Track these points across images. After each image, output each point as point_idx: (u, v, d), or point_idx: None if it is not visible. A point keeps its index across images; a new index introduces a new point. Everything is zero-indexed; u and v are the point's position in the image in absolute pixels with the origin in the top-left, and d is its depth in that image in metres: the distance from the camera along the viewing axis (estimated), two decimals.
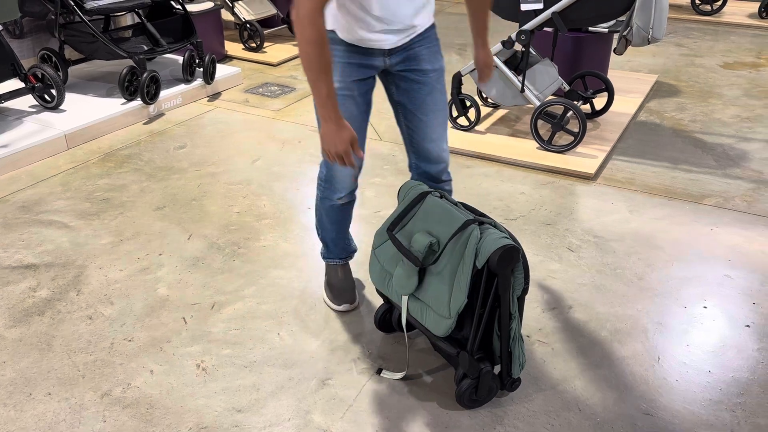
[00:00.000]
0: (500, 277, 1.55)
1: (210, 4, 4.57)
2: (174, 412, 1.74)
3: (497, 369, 1.75)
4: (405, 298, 1.70)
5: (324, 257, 2.17)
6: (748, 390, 1.81)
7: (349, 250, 2.15)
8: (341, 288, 2.11)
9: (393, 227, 1.75)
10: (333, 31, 1.70)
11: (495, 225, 1.60)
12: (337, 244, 2.11)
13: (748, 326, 2.05)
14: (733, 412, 1.73)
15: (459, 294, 1.56)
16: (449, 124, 3.47)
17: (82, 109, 3.54)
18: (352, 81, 1.74)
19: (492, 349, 1.69)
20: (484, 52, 1.94)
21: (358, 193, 2.87)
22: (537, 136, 3.19)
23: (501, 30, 5.56)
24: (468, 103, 3.40)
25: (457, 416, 1.72)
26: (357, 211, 2.71)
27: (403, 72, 1.78)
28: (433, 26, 1.79)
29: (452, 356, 1.70)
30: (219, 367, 1.89)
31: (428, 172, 1.91)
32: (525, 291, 1.64)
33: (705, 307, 2.13)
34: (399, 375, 1.84)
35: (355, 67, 1.73)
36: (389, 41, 1.69)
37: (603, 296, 2.19)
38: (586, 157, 3.10)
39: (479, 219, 1.60)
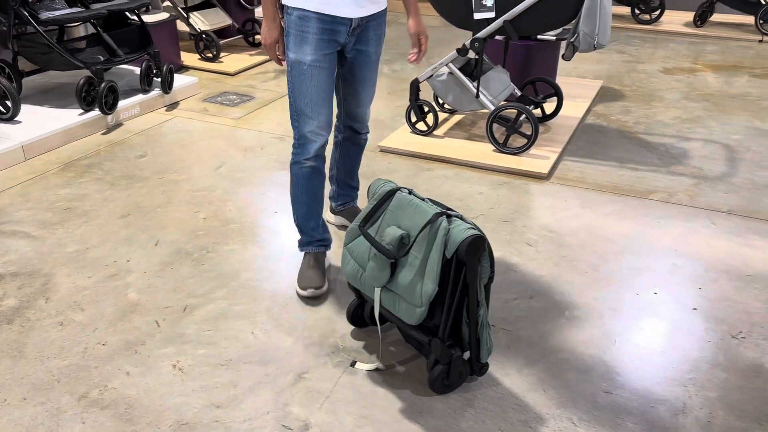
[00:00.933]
0: (468, 265, 1.64)
1: (165, 15, 4.57)
2: (153, 411, 1.76)
3: (467, 355, 1.83)
4: (378, 290, 1.77)
5: (300, 246, 2.31)
6: (697, 367, 1.95)
7: (323, 238, 2.29)
8: (309, 275, 2.23)
9: (364, 223, 1.83)
10: (305, 9, 1.98)
11: (462, 217, 1.70)
12: (308, 223, 2.25)
13: (695, 309, 2.20)
14: (685, 387, 1.87)
15: (430, 283, 1.64)
16: (408, 129, 3.57)
17: (39, 119, 3.50)
18: (323, 54, 2.03)
19: (461, 336, 1.78)
20: (414, 21, 2.23)
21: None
22: (492, 139, 3.32)
23: (453, 40, 5.73)
24: (426, 109, 3.51)
25: (430, 402, 1.80)
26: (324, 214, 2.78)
27: (353, 50, 2.13)
28: (383, 12, 2.14)
29: (424, 344, 1.78)
30: (195, 367, 1.93)
31: (353, 128, 2.38)
32: (491, 279, 1.73)
33: (655, 293, 2.28)
34: (373, 366, 1.91)
35: (326, 42, 2.02)
36: (352, 11, 2.00)
37: (560, 286, 2.31)
38: (539, 158, 3.25)
39: (447, 212, 1.69)
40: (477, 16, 3.19)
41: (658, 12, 6.11)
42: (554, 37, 3.73)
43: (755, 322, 2.14)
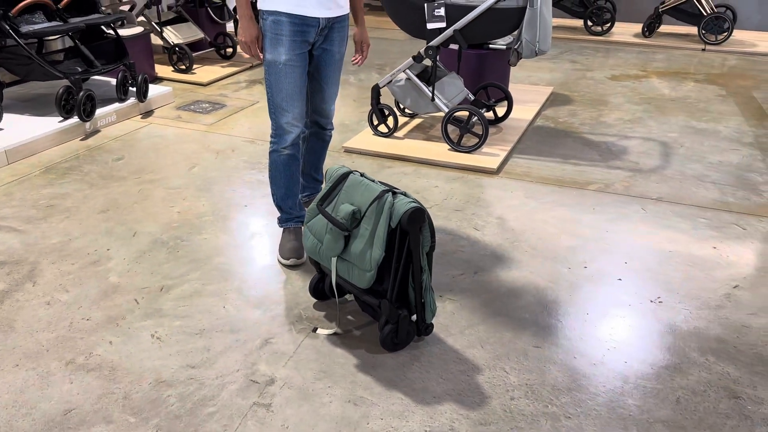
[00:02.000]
0: (411, 234, 1.89)
1: (140, 29, 4.80)
2: (134, 372, 1.98)
3: (414, 318, 2.08)
4: (334, 260, 2.01)
5: (280, 223, 2.62)
6: (618, 325, 2.22)
7: (300, 215, 2.60)
8: (290, 246, 2.52)
9: (321, 203, 2.08)
10: (279, 12, 2.25)
11: (405, 194, 1.95)
12: (286, 202, 2.55)
13: (620, 279, 2.48)
14: (605, 342, 2.14)
15: (377, 250, 1.89)
16: (371, 131, 3.83)
17: (20, 127, 3.69)
18: (296, 54, 2.30)
19: (408, 300, 2.03)
20: (359, 30, 2.56)
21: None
22: (447, 139, 3.60)
23: (415, 52, 6.04)
24: (387, 113, 3.78)
25: (382, 358, 2.04)
26: None
27: (319, 49, 2.39)
28: (346, 16, 2.42)
29: (375, 308, 2.03)
30: (172, 335, 2.14)
31: (319, 123, 2.62)
32: (432, 248, 1.99)
33: (585, 267, 2.55)
34: (332, 330, 2.14)
35: (298, 43, 2.30)
36: (319, 12, 2.28)
37: (502, 263, 2.57)
38: (490, 156, 3.53)
39: (392, 189, 1.95)
40: (430, 26, 3.48)
41: (608, 24, 6.49)
42: (505, 46, 4.04)
43: (672, 289, 2.42)
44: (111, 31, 4.20)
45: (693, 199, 3.13)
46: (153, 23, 5.01)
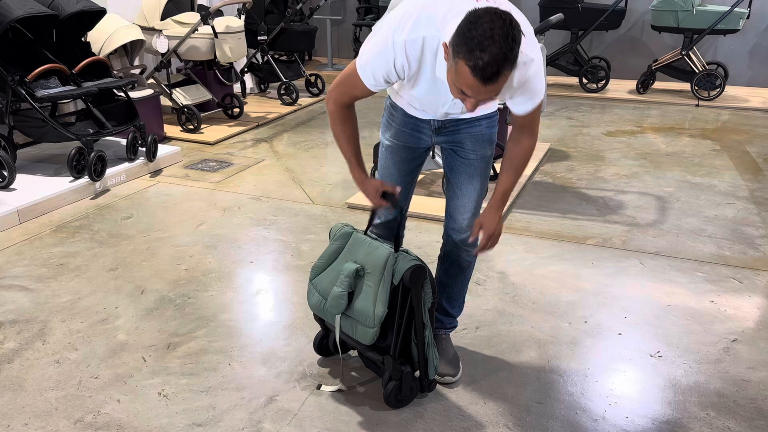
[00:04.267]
0: (413, 291, 1.95)
1: (150, 91, 4.97)
2: (141, 431, 2.00)
3: (417, 374, 2.11)
4: (338, 317, 2.06)
5: None
6: (618, 381, 2.24)
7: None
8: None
9: (328, 263, 2.14)
10: (395, 103, 2.08)
11: (407, 252, 2.02)
12: None
13: (620, 334, 2.52)
14: (606, 398, 2.16)
15: (380, 306, 1.95)
16: None
17: (32, 187, 3.80)
18: (402, 143, 2.11)
19: (411, 356, 2.07)
20: (487, 214, 2.03)
21: (294, 246, 3.25)
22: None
23: None
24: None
25: (385, 415, 2.06)
26: (294, 262, 3.08)
27: (447, 149, 2.11)
28: (482, 118, 2.04)
29: (379, 364, 2.06)
30: (178, 393, 2.17)
31: (453, 239, 2.18)
32: (434, 304, 2.04)
33: (586, 322, 2.59)
34: (336, 387, 2.17)
35: (407, 134, 2.09)
36: (431, 116, 2.03)
37: (503, 318, 2.61)
38: None
39: (396, 246, 2.01)
40: None
41: (603, 81, 6.68)
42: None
43: (671, 343, 2.46)
44: (122, 94, 4.36)
45: (690, 253, 3.19)
46: (163, 85, 5.19)
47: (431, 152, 3.68)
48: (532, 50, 1.72)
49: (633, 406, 2.12)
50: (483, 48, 1.50)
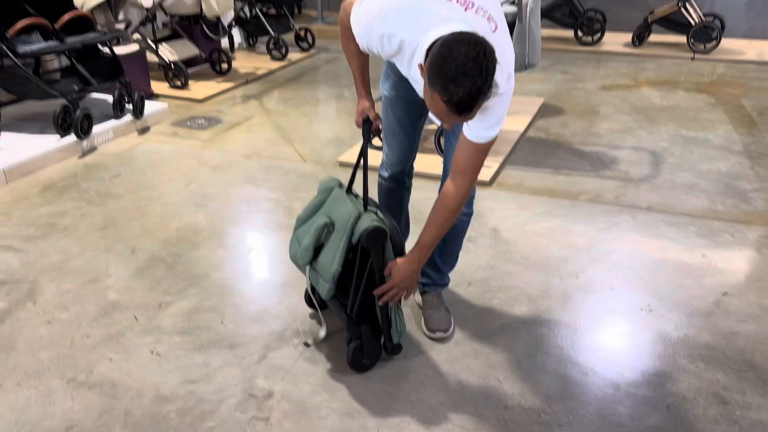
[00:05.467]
0: (372, 253, 1.92)
1: (135, 47, 4.85)
2: (135, 389, 2.01)
3: (383, 339, 2.09)
4: (307, 268, 2.05)
5: None
6: (609, 334, 2.26)
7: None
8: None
9: (310, 215, 2.13)
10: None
11: (377, 213, 1.97)
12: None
13: (611, 289, 2.52)
14: (597, 352, 2.18)
15: (336, 264, 1.93)
16: None
17: (18, 146, 3.73)
18: (400, 96, 2.09)
19: (377, 318, 2.05)
20: (402, 261, 1.97)
21: (285, 205, 3.22)
22: (440, 151, 3.65)
23: None
24: (380, 127, 3.82)
25: (377, 370, 2.08)
26: (286, 220, 3.06)
27: None
28: None
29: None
30: (171, 352, 2.18)
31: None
32: None
33: (577, 277, 2.60)
34: (321, 335, 2.15)
35: (405, 86, 1.99)
36: None
37: (495, 274, 2.62)
38: (483, 168, 3.57)
39: (371, 206, 1.97)
40: None
41: (599, 34, 6.57)
42: None
43: (662, 297, 2.47)
44: (107, 50, 4.25)
45: (683, 207, 3.18)
46: (148, 40, 5.07)
47: None
48: (504, 81, 1.69)
49: (623, 359, 2.14)
50: (457, 83, 1.50)
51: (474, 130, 1.78)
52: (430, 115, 3.59)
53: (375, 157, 2.89)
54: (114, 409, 1.93)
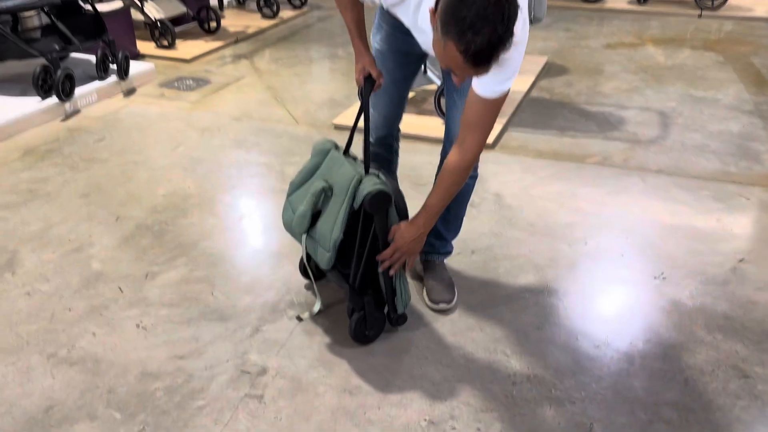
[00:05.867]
0: (376, 218, 1.79)
1: (119, 4, 4.62)
2: (119, 365, 1.89)
3: (386, 309, 1.96)
4: (303, 237, 1.92)
5: None
6: (621, 305, 2.15)
7: None
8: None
9: (305, 179, 1.98)
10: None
11: (378, 176, 1.83)
12: None
13: (621, 256, 2.40)
14: (608, 322, 2.06)
15: (337, 230, 1.79)
16: None
17: None
18: (392, 49, 1.91)
19: (379, 287, 1.92)
20: (406, 225, 1.85)
21: (278, 169, 3.07)
22: (440, 113, 3.49)
23: None
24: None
25: (377, 343, 1.96)
26: (279, 186, 2.91)
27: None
28: None
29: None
30: (158, 325, 2.05)
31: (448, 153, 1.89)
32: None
33: (586, 244, 2.47)
34: (315, 309, 2.03)
35: (398, 39, 1.86)
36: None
37: (500, 241, 2.49)
38: None
39: (371, 169, 1.83)
40: None
41: None
42: None
43: (676, 264, 2.35)
44: (89, 6, 4.03)
45: (694, 170, 3.04)
46: None
47: (423, 67, 3.45)
48: (520, 28, 1.49)
49: (636, 330, 2.03)
50: (476, 30, 1.33)
51: (486, 84, 1.62)
52: (429, 74, 3.41)
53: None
54: (97, 386, 1.81)
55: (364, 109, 1.89)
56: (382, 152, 2.18)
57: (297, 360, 1.90)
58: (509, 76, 1.60)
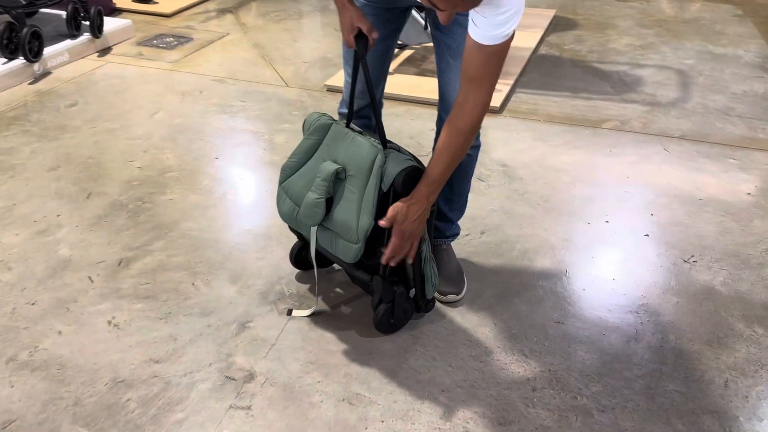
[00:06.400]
0: None
1: None
2: (87, 370, 1.67)
3: (412, 293, 1.77)
4: (314, 229, 1.68)
5: None
6: (649, 293, 1.93)
7: None
8: None
9: (302, 162, 1.72)
10: None
11: (399, 149, 1.60)
12: None
13: (647, 235, 2.18)
14: (636, 314, 1.85)
15: (366, 217, 1.56)
16: None
17: None
18: (375, 5, 1.67)
19: (405, 273, 1.71)
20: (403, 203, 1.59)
21: (267, 138, 2.81)
22: None
23: None
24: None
25: (378, 342, 1.74)
26: (268, 156, 2.66)
27: (434, 14, 1.54)
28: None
29: (367, 283, 1.71)
30: (132, 322, 1.83)
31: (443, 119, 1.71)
32: (433, 213, 1.66)
33: (607, 222, 2.24)
34: (308, 311, 1.82)
35: None
36: None
37: (512, 220, 2.25)
38: None
39: (385, 142, 1.59)
40: None
41: None
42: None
43: (706, 245, 2.13)
44: None
45: (719, 135, 2.80)
46: None
47: (425, 24, 3.15)
48: None
49: (668, 323, 1.81)
50: None
51: (484, 29, 1.36)
52: (430, 28, 3.08)
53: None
54: (62, 397, 1.60)
55: (364, 72, 1.62)
56: (361, 125, 1.88)
57: (289, 363, 1.69)
58: (509, 18, 1.34)
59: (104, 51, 3.77)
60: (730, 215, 2.27)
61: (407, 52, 3.65)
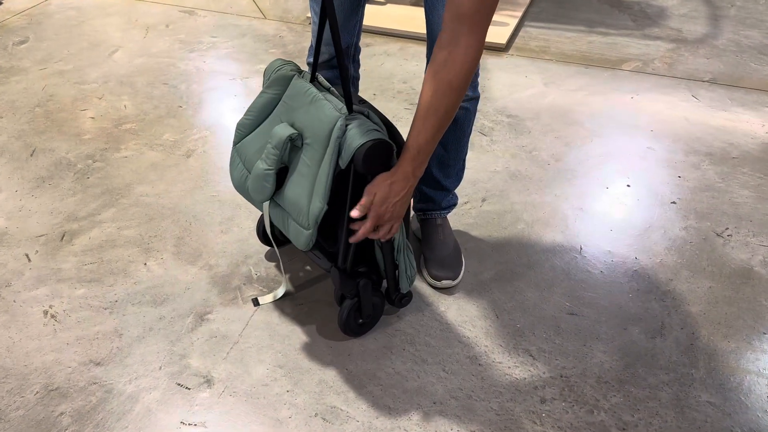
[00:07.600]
0: (371, 178, 1.25)
1: None
2: (16, 374, 1.41)
3: (384, 285, 1.49)
4: (266, 204, 1.38)
5: None
6: (677, 276, 1.65)
7: None
8: None
9: (258, 120, 1.41)
10: None
11: (368, 115, 1.27)
12: None
13: (674, 203, 1.88)
14: (663, 302, 1.58)
15: (317, 200, 1.25)
16: None
17: None
18: None
19: (376, 262, 1.43)
20: (380, 179, 1.30)
21: (240, 82, 2.46)
22: None
23: None
24: None
25: (359, 340, 1.48)
26: (241, 104, 2.33)
27: None
28: None
29: (328, 272, 1.43)
30: (72, 312, 1.56)
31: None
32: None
33: (628, 186, 1.94)
34: (279, 293, 1.55)
35: None
36: None
37: (518, 183, 1.95)
38: (497, 26, 2.77)
39: (351, 106, 1.26)
40: None
41: None
42: None
43: (743, 215, 1.84)
44: None
45: (755, 79, 2.46)
46: None
47: None
48: None
49: (700, 314, 1.55)
50: None
51: None
52: None
53: (371, 17, 1.87)
54: None
55: (328, 11, 1.26)
56: (333, 79, 1.55)
57: (253, 366, 1.43)
58: None
59: None
60: None
61: None
